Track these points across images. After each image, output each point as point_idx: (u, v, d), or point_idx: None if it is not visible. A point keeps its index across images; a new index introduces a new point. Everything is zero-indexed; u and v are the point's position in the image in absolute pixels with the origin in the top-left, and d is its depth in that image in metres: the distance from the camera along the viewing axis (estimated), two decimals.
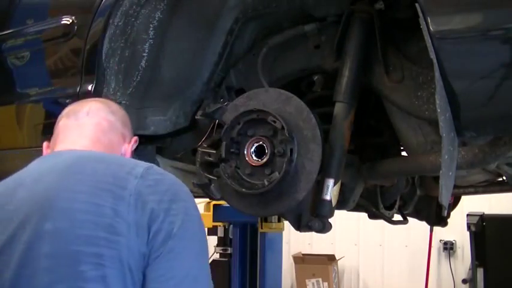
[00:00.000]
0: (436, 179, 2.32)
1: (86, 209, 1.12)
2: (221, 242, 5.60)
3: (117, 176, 1.17)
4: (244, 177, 1.79)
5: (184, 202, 1.18)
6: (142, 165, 1.20)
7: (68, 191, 1.15)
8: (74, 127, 1.35)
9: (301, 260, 6.37)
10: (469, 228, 4.96)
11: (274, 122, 1.73)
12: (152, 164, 1.23)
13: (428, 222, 3.16)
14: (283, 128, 1.71)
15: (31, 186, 1.19)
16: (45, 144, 1.39)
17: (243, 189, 1.76)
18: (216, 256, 5.61)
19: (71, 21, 1.99)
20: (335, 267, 6.34)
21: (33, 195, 1.17)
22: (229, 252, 5.50)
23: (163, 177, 1.21)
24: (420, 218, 3.07)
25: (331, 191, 1.76)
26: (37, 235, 1.12)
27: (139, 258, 1.11)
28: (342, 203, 2.02)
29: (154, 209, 1.13)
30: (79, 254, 1.09)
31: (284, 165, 1.70)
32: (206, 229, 5.63)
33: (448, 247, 6.26)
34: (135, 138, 1.43)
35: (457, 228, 5.39)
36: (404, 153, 2.23)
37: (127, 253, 1.10)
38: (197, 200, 1.33)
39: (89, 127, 1.34)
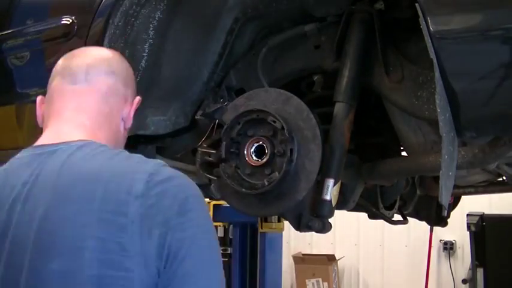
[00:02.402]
0: (436, 179, 2.32)
1: (93, 246, 1.01)
2: (221, 242, 5.61)
3: (116, 201, 1.04)
4: (244, 177, 1.79)
5: (192, 212, 1.07)
6: (142, 176, 1.06)
7: (72, 226, 1.03)
8: (70, 94, 1.22)
9: (301, 260, 6.37)
10: (469, 228, 4.97)
11: (274, 122, 1.73)
12: (156, 166, 1.10)
13: (428, 222, 3.16)
14: (283, 128, 1.71)
15: (24, 203, 1.08)
16: (39, 99, 1.28)
17: (243, 189, 1.76)
18: None
19: (71, 21, 1.99)
20: (335, 267, 6.34)
21: (29, 220, 1.05)
22: (229, 252, 5.51)
23: (166, 186, 1.07)
24: (420, 218, 3.07)
25: (331, 191, 1.76)
26: (40, 277, 1.01)
27: None
28: (342, 203, 2.02)
29: (161, 233, 1.03)
30: None
31: (284, 165, 1.70)
32: None
33: (448, 247, 6.26)
34: (138, 98, 1.31)
35: (457, 228, 5.39)
36: (404, 153, 2.23)
37: (139, 287, 1.01)
38: None
39: (87, 97, 1.22)
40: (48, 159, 1.12)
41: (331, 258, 6.33)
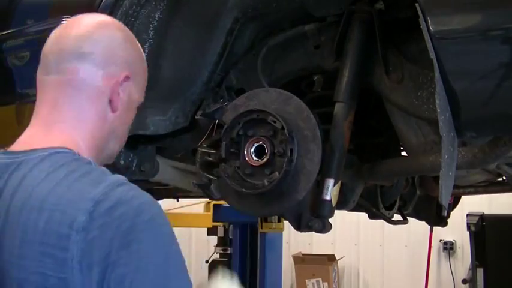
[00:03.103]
0: (436, 179, 2.32)
1: (35, 281, 0.96)
2: (221, 242, 5.61)
3: (58, 234, 0.96)
4: (244, 177, 1.79)
5: (138, 243, 0.97)
6: (86, 206, 0.97)
7: (16, 256, 0.97)
8: (44, 87, 1.15)
9: (301, 260, 6.37)
10: (469, 228, 4.97)
11: (274, 122, 1.73)
12: (106, 188, 0.99)
13: (428, 222, 3.16)
14: (283, 128, 1.71)
15: None
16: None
17: (243, 189, 1.76)
18: (216, 256, 5.62)
19: None
20: (335, 267, 6.34)
21: None
22: (229, 252, 5.51)
23: (111, 217, 0.97)
24: (420, 218, 3.07)
25: (331, 191, 1.76)
26: None
27: None
28: (342, 203, 2.02)
29: (101, 269, 0.95)
30: None
31: (284, 166, 1.70)
32: (206, 229, 5.65)
33: (448, 247, 6.26)
34: (124, 75, 1.16)
35: (457, 228, 5.39)
36: (404, 153, 2.23)
37: None
38: (197, 200, 1.29)
39: (59, 90, 1.12)
40: (14, 171, 1.05)
41: (331, 258, 6.33)
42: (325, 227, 1.80)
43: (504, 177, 2.76)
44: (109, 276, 0.95)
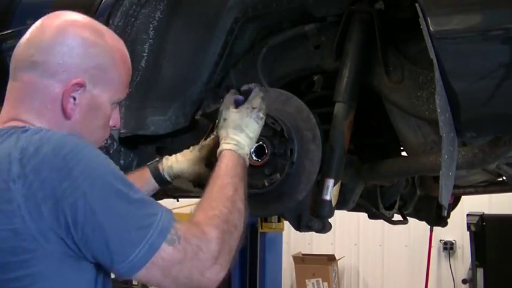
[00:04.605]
0: (436, 179, 2.32)
1: None
2: None
3: (0, 189, 1.04)
4: None
5: (75, 169, 1.04)
6: (15, 155, 1.05)
7: None
8: (8, 91, 1.21)
9: (301, 260, 6.37)
10: (469, 228, 4.97)
11: (273, 124, 1.73)
12: (27, 137, 1.08)
13: (428, 222, 3.15)
14: (282, 130, 1.71)
15: None
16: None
17: None
18: None
19: None
20: (335, 267, 6.35)
21: None
22: None
23: (39, 157, 1.05)
24: (420, 218, 3.06)
25: (331, 191, 1.76)
26: None
27: (72, 249, 1.05)
28: (342, 203, 2.02)
29: (50, 207, 1.02)
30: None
31: (284, 166, 1.70)
32: None
33: (448, 247, 6.27)
34: (75, 82, 1.18)
35: (457, 228, 5.40)
36: (404, 153, 2.23)
37: (49, 262, 1.04)
38: (197, 200, 1.29)
39: (17, 97, 1.19)
40: None
41: (331, 258, 6.33)
42: (325, 227, 1.80)
43: (504, 177, 2.76)
44: (62, 209, 1.02)
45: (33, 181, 1.03)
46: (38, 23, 1.23)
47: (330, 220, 1.83)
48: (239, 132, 1.48)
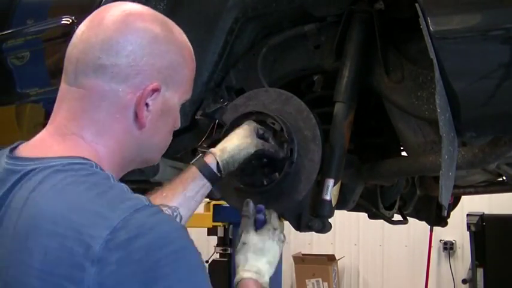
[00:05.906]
0: (436, 179, 2.32)
1: None
2: (221, 242, 5.61)
3: (71, 263, 0.85)
4: (244, 176, 1.78)
5: (165, 279, 0.86)
6: (102, 233, 0.85)
7: (21, 285, 0.87)
8: (63, 97, 1.03)
9: (301, 260, 6.37)
10: (469, 228, 4.97)
11: (273, 124, 1.73)
12: (125, 212, 0.88)
13: (428, 222, 3.15)
14: (282, 130, 1.71)
15: None
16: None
17: (241, 185, 1.76)
18: (216, 256, 5.62)
19: (71, 21, 1.99)
20: (335, 267, 6.35)
21: None
22: (229, 252, 5.50)
23: (131, 249, 0.85)
24: (420, 218, 3.06)
25: (331, 191, 1.76)
26: None
27: None
28: (342, 203, 2.02)
29: None
30: None
31: (284, 166, 1.70)
32: (206, 229, 5.65)
33: (448, 247, 6.26)
34: (152, 86, 1.02)
35: (457, 228, 5.40)
36: (404, 153, 2.23)
37: None
38: None
39: (76, 105, 1.01)
40: (23, 181, 0.94)
41: (331, 258, 6.33)
42: (325, 227, 1.80)
43: (504, 177, 2.76)
44: None
45: (113, 273, 0.84)
46: (97, 18, 1.05)
47: (330, 220, 1.84)
48: (260, 258, 1.38)
